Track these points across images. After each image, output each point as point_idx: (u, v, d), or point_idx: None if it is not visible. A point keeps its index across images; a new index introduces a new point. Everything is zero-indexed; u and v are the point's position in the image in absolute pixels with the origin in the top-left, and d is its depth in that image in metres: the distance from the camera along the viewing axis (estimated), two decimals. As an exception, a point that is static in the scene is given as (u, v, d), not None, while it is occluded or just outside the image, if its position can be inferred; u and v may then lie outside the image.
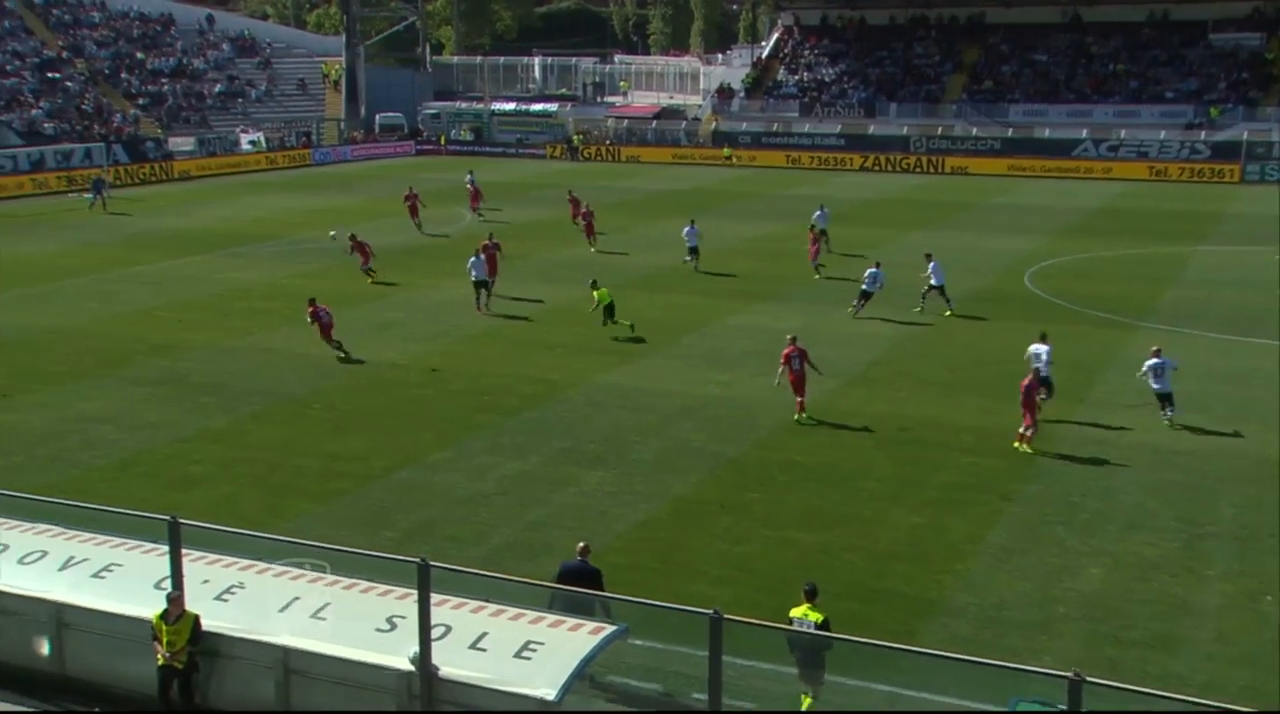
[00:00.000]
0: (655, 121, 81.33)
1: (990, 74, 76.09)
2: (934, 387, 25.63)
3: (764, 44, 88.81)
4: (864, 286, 31.76)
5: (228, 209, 53.01)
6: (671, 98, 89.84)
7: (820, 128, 74.89)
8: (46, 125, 65.97)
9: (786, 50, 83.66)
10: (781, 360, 23.55)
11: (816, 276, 36.98)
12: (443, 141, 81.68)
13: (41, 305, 33.41)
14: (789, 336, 24.11)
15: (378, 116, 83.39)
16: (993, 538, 17.90)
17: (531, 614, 11.79)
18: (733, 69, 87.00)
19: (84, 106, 69.94)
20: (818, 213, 42.41)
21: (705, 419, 23.52)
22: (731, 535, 18.04)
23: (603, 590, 13.22)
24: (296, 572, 12.85)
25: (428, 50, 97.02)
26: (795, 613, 12.62)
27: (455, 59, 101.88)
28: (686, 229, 39.33)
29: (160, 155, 67.65)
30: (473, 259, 32.43)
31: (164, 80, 77.38)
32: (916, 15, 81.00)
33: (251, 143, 72.81)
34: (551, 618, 11.76)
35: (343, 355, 27.66)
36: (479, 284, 32.22)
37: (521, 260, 39.38)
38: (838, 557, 17.27)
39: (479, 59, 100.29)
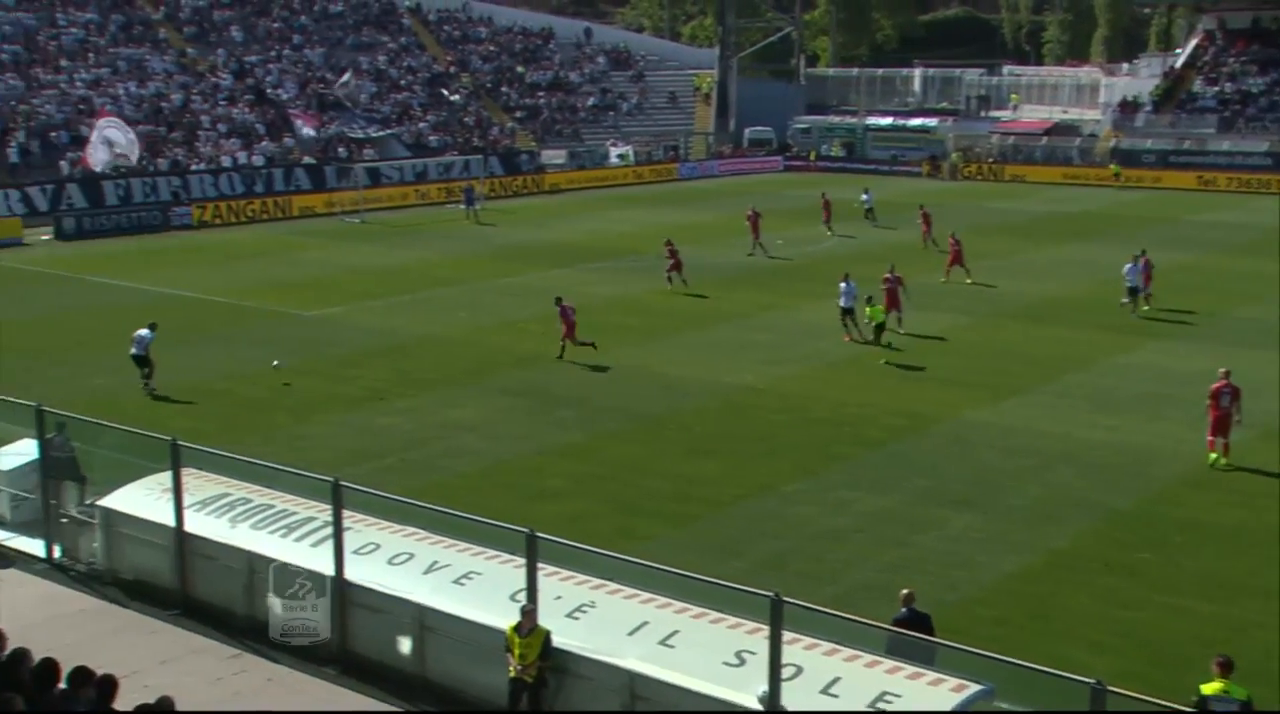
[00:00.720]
0: (1045, 138, 78.35)
1: None
2: (1370, 447, 23.17)
3: (1179, 51, 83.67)
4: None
5: (594, 222, 55.55)
6: (1065, 112, 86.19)
7: (1242, 145, 69.63)
8: (431, 138, 71.62)
9: (1206, 58, 78.39)
10: (1209, 396, 22.36)
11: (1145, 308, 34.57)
12: (812, 157, 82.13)
13: (416, 312, 36.17)
14: (1221, 371, 22.96)
15: (747, 131, 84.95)
16: None
17: (888, 663, 11.57)
18: (1139, 79, 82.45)
19: (466, 119, 75.43)
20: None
21: (1089, 466, 22.34)
22: (1116, 598, 17.01)
23: (934, 635, 12.92)
24: (646, 595, 13.21)
25: (802, 62, 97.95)
26: (1209, 689, 11.60)
27: (830, 71, 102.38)
28: (1128, 267, 35.45)
29: (533, 168, 71.83)
30: (844, 286, 32.13)
31: (540, 94, 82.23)
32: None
33: (620, 156, 75.99)
34: (909, 669, 11.49)
35: (559, 355, 29.30)
36: (846, 312, 32.10)
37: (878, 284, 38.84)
38: (1245, 633, 15.91)
39: (855, 71, 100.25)
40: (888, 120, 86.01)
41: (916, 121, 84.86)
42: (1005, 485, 21.45)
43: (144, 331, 27.63)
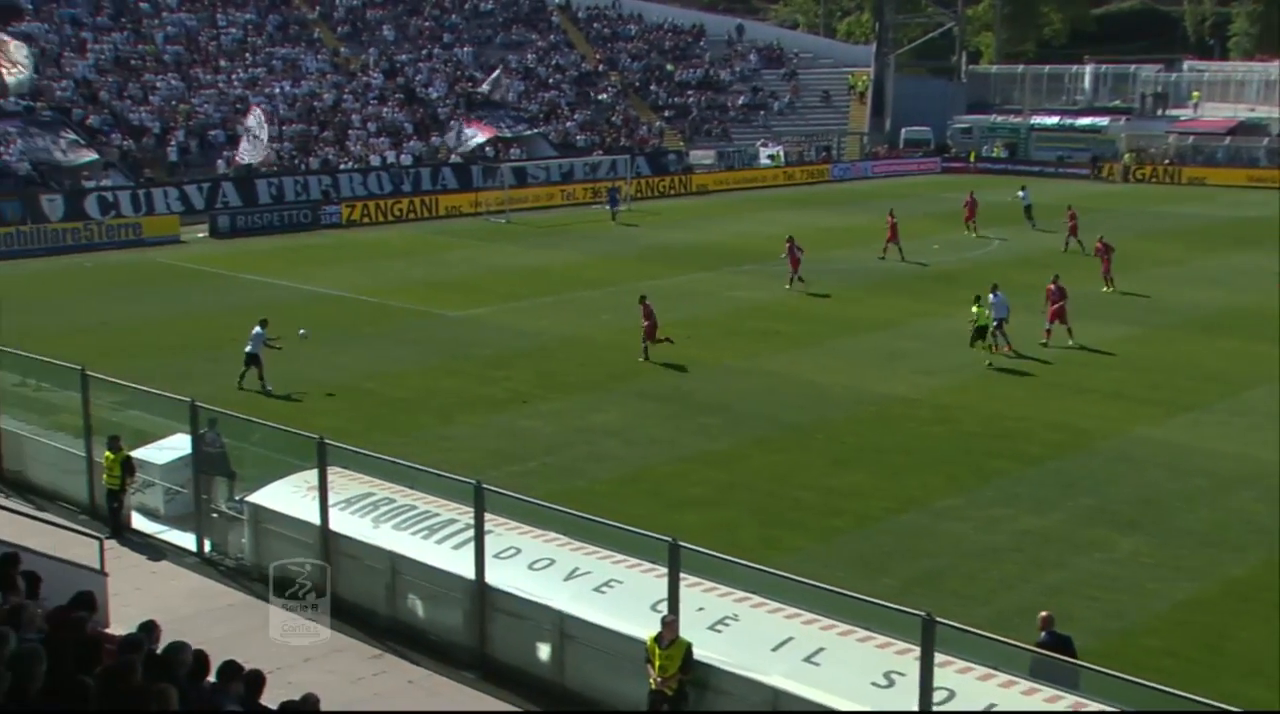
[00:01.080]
0: (1229, 138, 75.53)
1: None
2: None
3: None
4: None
5: (742, 224, 55.48)
6: (1253, 110, 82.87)
7: None
8: (578, 137, 72.45)
9: (1407, 51, 74.64)
10: None
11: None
12: (972, 158, 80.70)
13: (560, 314, 36.61)
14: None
15: (903, 131, 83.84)
16: None
17: (1048, 690, 11.30)
18: (1336, 75, 78.88)
19: (613, 118, 76.09)
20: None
21: (1269, 489, 21.47)
22: (1297, 632, 16.32)
23: (1076, 657, 12.63)
24: (791, 610, 13.14)
25: (964, 58, 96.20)
26: None
27: (993, 68, 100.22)
28: None
29: (680, 168, 72.06)
30: (993, 297, 31.20)
31: (689, 92, 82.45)
32: None
33: (770, 157, 75.73)
34: (1070, 698, 11.21)
35: (643, 359, 29.86)
36: (997, 325, 30.89)
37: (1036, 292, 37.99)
38: None
39: (1020, 67, 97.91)
40: (1054, 119, 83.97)
41: (1085, 121, 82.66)
42: (1176, 507, 20.76)
43: (257, 329, 28.34)
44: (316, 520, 16.59)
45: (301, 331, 30.19)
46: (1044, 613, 13.75)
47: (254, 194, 57.04)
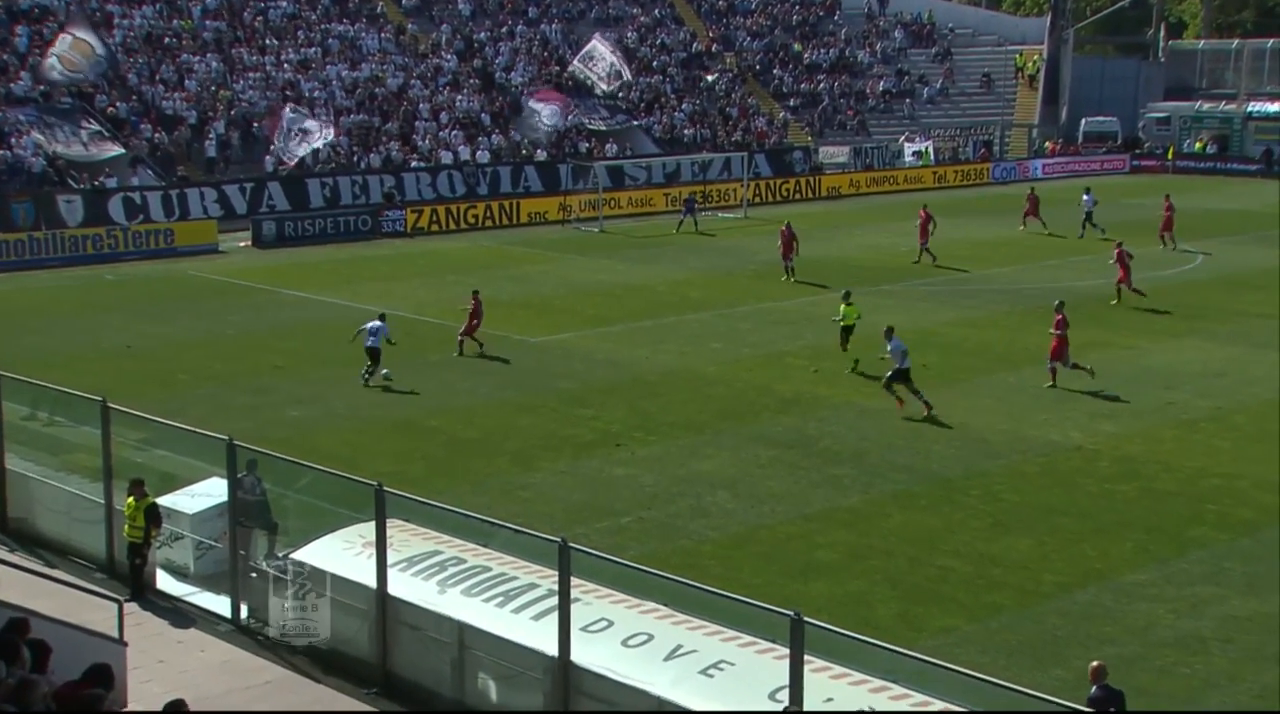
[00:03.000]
0: None
1: None
2: None
3: None
4: None
5: (881, 235, 55.20)
6: None
7: None
8: (686, 131, 72.79)
9: None
10: None
11: None
12: (1170, 155, 79.41)
13: (660, 341, 36.66)
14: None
15: (1083, 121, 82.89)
16: None
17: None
18: None
19: (728, 109, 76.34)
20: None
21: None
22: None
23: None
24: (941, 705, 12.96)
25: (1162, 33, 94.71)
26: None
27: (1200, 43, 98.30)
28: None
29: (807, 168, 72.05)
30: (890, 344, 29.47)
31: (820, 77, 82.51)
32: None
33: (916, 154, 75.47)
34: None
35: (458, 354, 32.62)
36: (886, 378, 29.32)
37: (1225, 317, 37.30)
38: None
39: (1235, 43, 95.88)
40: (1277, 106, 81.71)
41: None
42: None
43: (376, 323, 31.93)
44: (372, 582, 16.74)
45: (384, 372, 31.64)
46: (1095, 663, 13.73)
47: (305, 197, 58.20)
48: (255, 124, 61.04)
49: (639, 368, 33.70)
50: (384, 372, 31.59)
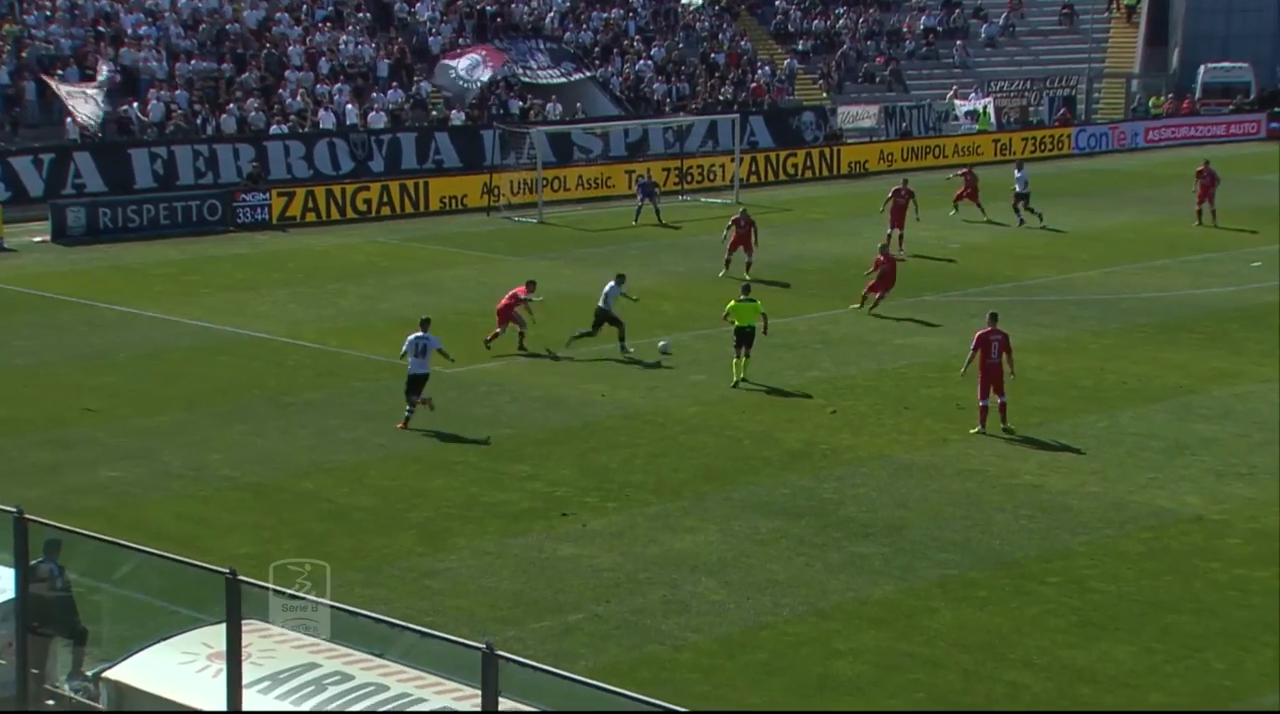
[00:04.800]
0: None
1: None
2: None
3: None
4: None
5: (919, 228, 55.03)
6: None
7: None
8: (655, 84, 72.82)
9: None
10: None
11: None
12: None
13: (622, 372, 36.57)
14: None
15: (1202, 69, 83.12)
16: None
17: None
18: None
19: (713, 55, 76.47)
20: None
21: None
22: None
23: None
24: None
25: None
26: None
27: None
28: None
29: (822, 136, 72.11)
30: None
31: (839, 10, 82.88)
32: None
33: (971, 115, 75.74)
34: None
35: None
36: None
37: None
38: None
39: None
40: None
41: None
42: None
43: (611, 284, 37.66)
44: (222, 707, 16.51)
45: (661, 344, 34.63)
46: None
47: (127, 172, 58.04)
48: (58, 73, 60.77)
49: (593, 409, 33.58)
50: (662, 343, 36.41)
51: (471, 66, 63.66)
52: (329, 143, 62.45)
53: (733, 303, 35.34)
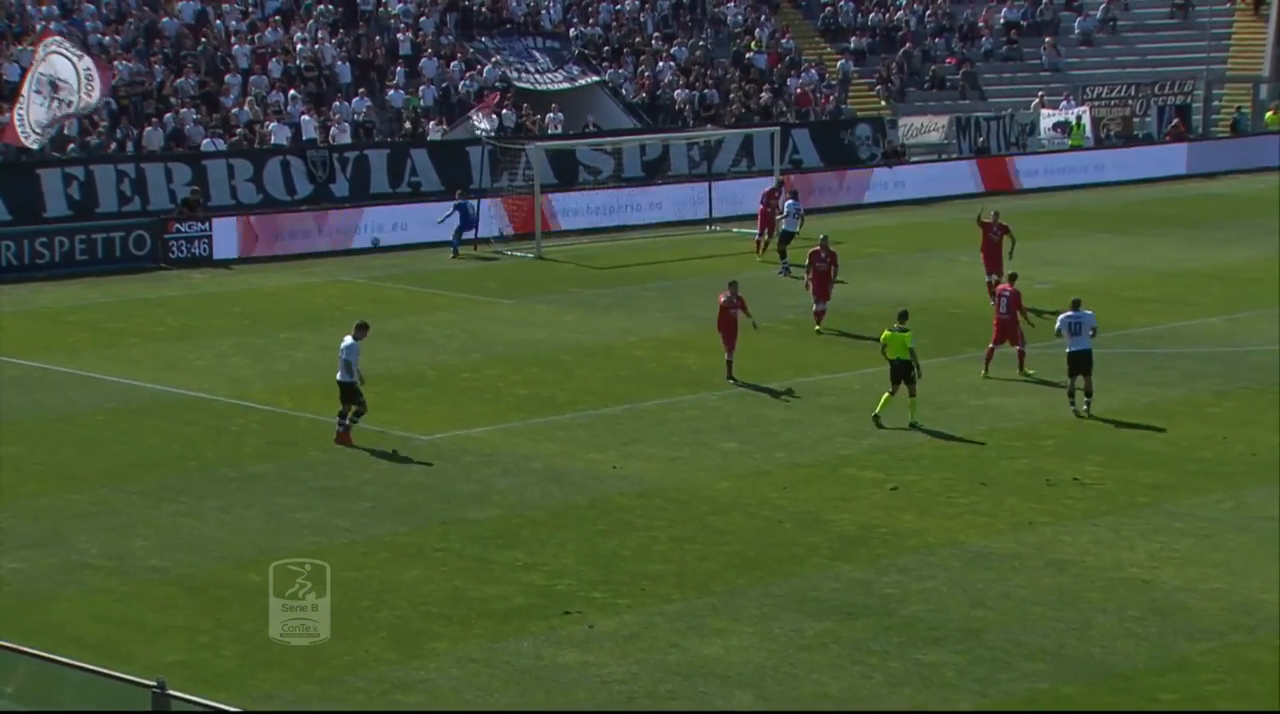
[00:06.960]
0: None
1: None
2: None
3: None
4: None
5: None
6: None
7: None
8: (677, 92, 72.94)
9: None
10: None
11: None
12: None
13: (637, 439, 36.72)
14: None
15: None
16: None
17: None
18: None
19: (747, 57, 76.57)
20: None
21: None
22: None
23: None
24: None
25: None
26: None
27: None
28: None
29: (880, 153, 72.14)
30: None
31: (901, 3, 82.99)
32: None
33: (1061, 127, 75.80)
34: None
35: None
36: None
37: None
38: None
39: None
40: None
41: None
42: None
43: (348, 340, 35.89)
44: None
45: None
46: None
47: (35, 197, 58.11)
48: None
49: (602, 484, 33.63)
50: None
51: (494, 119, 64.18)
52: (282, 161, 62.50)
53: (886, 333, 37.61)
